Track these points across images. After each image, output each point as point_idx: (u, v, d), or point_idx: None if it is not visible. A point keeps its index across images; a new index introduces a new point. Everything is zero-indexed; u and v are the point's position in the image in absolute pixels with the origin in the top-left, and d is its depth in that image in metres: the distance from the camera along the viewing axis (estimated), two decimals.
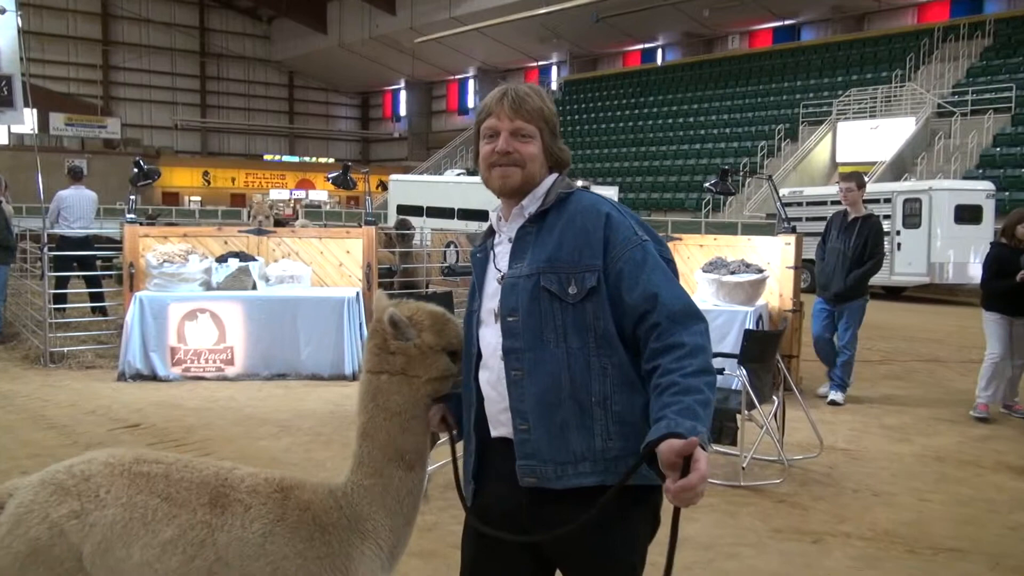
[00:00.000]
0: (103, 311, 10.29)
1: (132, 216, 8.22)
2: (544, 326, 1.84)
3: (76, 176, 10.72)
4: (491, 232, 2.04)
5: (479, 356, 1.95)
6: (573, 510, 1.78)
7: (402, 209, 22.68)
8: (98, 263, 11.46)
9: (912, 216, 16.77)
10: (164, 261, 7.70)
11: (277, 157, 55.99)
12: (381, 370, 1.96)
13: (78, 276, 10.65)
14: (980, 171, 22.33)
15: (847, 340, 7.08)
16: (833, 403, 7.03)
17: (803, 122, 28.53)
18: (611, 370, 1.82)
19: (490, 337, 1.93)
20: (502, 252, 1.97)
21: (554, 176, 1.98)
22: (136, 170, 8.30)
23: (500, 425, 1.91)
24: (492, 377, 1.91)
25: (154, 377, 7.54)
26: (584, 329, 1.83)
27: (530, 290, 1.86)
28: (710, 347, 1.81)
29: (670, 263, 1.90)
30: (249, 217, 11.03)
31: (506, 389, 1.87)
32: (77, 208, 10.38)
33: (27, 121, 9.36)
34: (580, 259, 1.84)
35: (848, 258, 6.96)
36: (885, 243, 7.64)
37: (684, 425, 1.63)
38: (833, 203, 7.37)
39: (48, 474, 1.92)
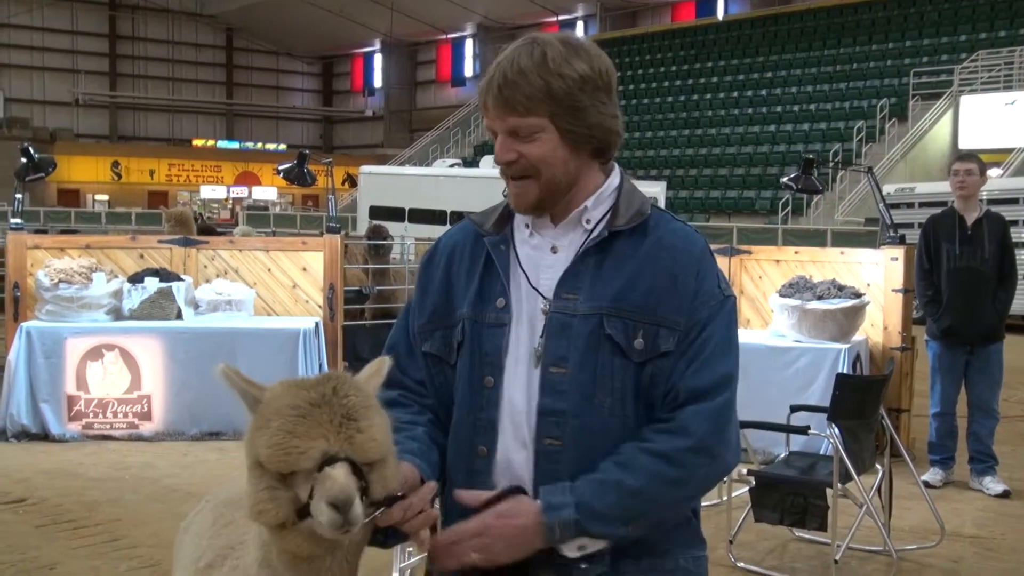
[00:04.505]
0: None
1: (18, 221, 8.30)
2: (598, 386, 1.86)
3: None
4: (507, 216, 1.99)
5: (487, 361, 1.92)
6: None
7: (376, 212, 22.79)
8: None
9: None
10: (60, 281, 7.75)
11: (211, 143, 56.49)
12: None
13: None
14: None
15: (997, 397, 6.85)
16: (1005, 494, 6.60)
17: (914, 96, 28.62)
18: None
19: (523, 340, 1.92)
20: (538, 261, 1.93)
21: (619, 172, 1.97)
22: (24, 160, 8.38)
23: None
24: (517, 404, 1.90)
25: (45, 436, 7.55)
26: (639, 395, 1.87)
27: (586, 335, 1.86)
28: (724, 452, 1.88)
29: None
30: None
31: (530, 457, 1.87)
32: None
33: None
34: (656, 308, 1.85)
35: (987, 276, 6.69)
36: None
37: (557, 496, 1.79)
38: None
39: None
